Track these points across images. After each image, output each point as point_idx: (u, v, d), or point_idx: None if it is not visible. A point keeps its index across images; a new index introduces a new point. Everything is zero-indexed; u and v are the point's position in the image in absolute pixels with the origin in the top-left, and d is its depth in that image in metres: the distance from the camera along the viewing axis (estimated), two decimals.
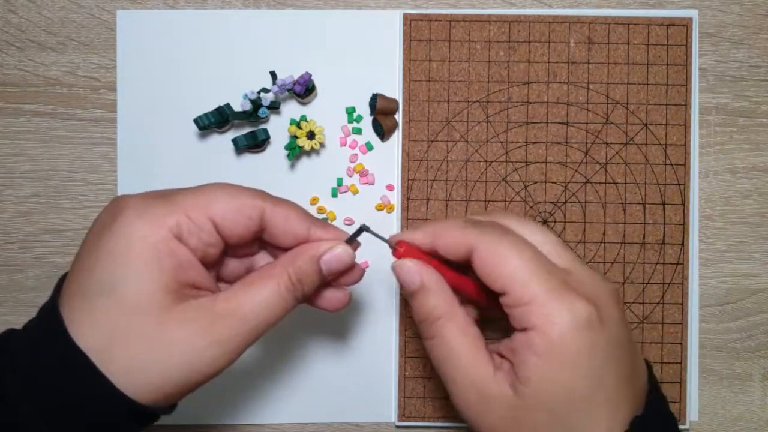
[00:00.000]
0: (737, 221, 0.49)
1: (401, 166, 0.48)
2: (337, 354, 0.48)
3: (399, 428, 0.49)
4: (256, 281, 0.34)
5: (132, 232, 0.32)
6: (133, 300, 0.32)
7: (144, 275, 0.32)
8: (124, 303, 0.32)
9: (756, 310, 0.49)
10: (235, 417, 0.48)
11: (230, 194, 0.35)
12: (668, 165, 0.48)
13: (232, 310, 0.33)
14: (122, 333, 0.32)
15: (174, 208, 0.33)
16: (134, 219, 0.33)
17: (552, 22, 0.48)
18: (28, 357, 0.32)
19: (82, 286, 0.32)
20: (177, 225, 0.33)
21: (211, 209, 0.34)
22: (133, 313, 0.32)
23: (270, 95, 0.48)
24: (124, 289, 0.32)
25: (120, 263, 0.32)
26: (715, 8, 0.49)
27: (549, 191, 0.48)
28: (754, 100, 0.49)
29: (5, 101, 0.48)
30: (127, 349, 0.32)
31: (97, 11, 0.49)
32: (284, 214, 0.36)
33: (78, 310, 0.32)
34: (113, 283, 0.32)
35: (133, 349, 0.32)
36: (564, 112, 0.48)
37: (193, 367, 0.32)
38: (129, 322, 0.32)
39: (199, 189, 0.35)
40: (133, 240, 0.32)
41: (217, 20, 0.48)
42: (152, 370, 0.32)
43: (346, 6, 0.49)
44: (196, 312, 0.33)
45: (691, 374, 0.48)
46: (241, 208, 0.35)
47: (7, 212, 0.49)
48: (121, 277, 0.32)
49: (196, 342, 0.32)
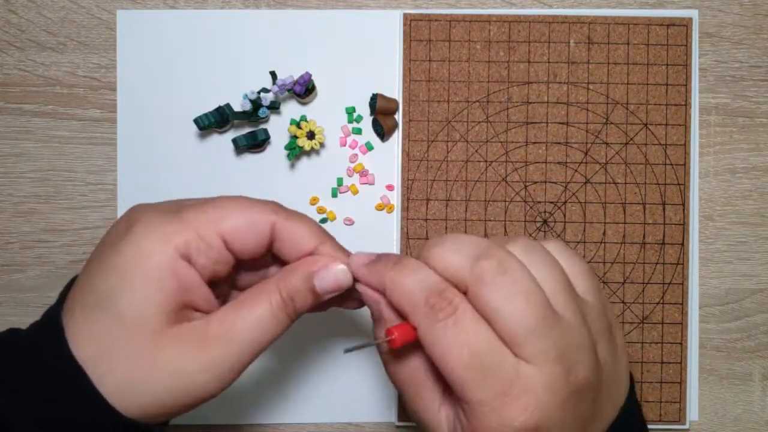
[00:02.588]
0: (737, 221, 0.49)
1: (401, 166, 0.48)
2: (337, 354, 0.48)
3: (399, 428, 0.49)
4: (247, 300, 0.33)
5: (139, 248, 0.32)
6: (128, 317, 0.31)
7: (142, 294, 0.31)
8: (120, 319, 0.31)
9: (756, 310, 0.49)
10: (235, 417, 0.48)
11: (242, 209, 0.34)
12: (668, 165, 0.48)
13: (223, 332, 0.32)
14: (115, 349, 0.31)
15: (184, 227, 0.33)
16: (143, 234, 0.32)
17: (552, 22, 0.48)
18: (23, 361, 0.32)
19: (84, 296, 0.32)
20: (185, 243, 0.32)
21: (221, 225, 0.33)
22: (127, 330, 0.31)
23: (270, 95, 0.48)
24: (122, 305, 0.31)
25: (122, 278, 0.32)
26: (715, 8, 0.49)
27: (549, 191, 0.48)
28: (754, 100, 0.49)
29: (5, 101, 0.48)
30: (119, 366, 0.31)
31: (97, 11, 0.49)
32: (294, 229, 0.35)
33: (78, 319, 0.32)
34: (113, 298, 0.32)
35: (124, 367, 0.31)
36: (564, 112, 0.48)
37: (185, 391, 0.32)
38: (122, 340, 0.31)
39: (211, 203, 0.34)
40: (138, 257, 0.32)
41: (217, 20, 0.48)
42: (142, 391, 0.31)
43: (346, 6, 0.49)
44: (189, 335, 0.32)
45: (691, 374, 0.48)
46: (253, 224, 0.34)
47: (7, 212, 0.49)
48: (121, 292, 0.31)
49: (188, 366, 0.32)
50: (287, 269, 0.35)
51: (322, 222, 0.48)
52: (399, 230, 0.48)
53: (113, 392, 0.31)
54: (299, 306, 0.34)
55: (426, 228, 0.48)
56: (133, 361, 0.31)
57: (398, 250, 0.48)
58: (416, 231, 0.48)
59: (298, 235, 0.35)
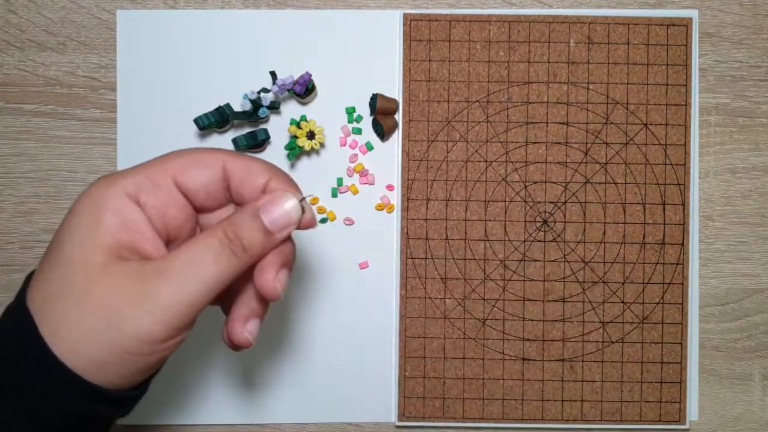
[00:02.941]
0: (737, 221, 0.49)
1: (401, 166, 0.48)
2: (337, 354, 0.48)
3: (399, 428, 0.49)
4: (191, 241, 0.33)
5: (89, 194, 0.32)
6: (69, 255, 0.31)
7: (84, 231, 0.31)
8: (62, 259, 0.31)
9: (756, 310, 0.49)
10: (235, 417, 0.48)
11: (192, 152, 0.34)
12: (668, 165, 0.48)
13: (160, 267, 0.31)
14: (55, 289, 0.31)
15: (134, 171, 0.33)
16: (96, 184, 0.33)
17: (552, 22, 0.48)
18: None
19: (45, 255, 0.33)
20: (134, 184, 0.32)
21: (170, 165, 0.33)
22: (66, 268, 0.31)
23: (270, 95, 0.48)
24: (65, 246, 0.31)
25: (70, 223, 0.32)
26: (715, 8, 0.49)
27: (549, 191, 0.48)
28: (754, 100, 0.49)
29: (5, 101, 0.48)
30: (57, 305, 0.31)
31: (97, 11, 0.49)
32: (245, 164, 0.34)
33: (36, 274, 0.32)
34: (60, 241, 0.32)
35: (62, 305, 0.31)
36: (564, 112, 0.48)
37: (119, 330, 0.30)
38: (62, 278, 0.31)
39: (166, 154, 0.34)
40: (88, 202, 0.32)
41: (217, 20, 0.48)
42: (75, 329, 0.30)
43: (346, 6, 0.49)
44: (126, 270, 0.31)
45: (691, 374, 0.48)
46: (201, 161, 0.34)
47: (7, 212, 0.49)
48: (69, 235, 0.32)
49: (118, 298, 0.30)
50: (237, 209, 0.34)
51: (322, 222, 0.48)
52: (399, 230, 0.48)
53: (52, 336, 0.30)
54: (248, 243, 0.32)
55: (426, 228, 0.48)
56: (69, 298, 0.31)
57: (398, 250, 0.48)
58: (416, 231, 0.48)
59: (249, 170, 0.34)
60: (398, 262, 0.48)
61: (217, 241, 0.32)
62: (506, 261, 0.48)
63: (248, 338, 0.34)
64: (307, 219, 0.34)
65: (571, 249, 0.48)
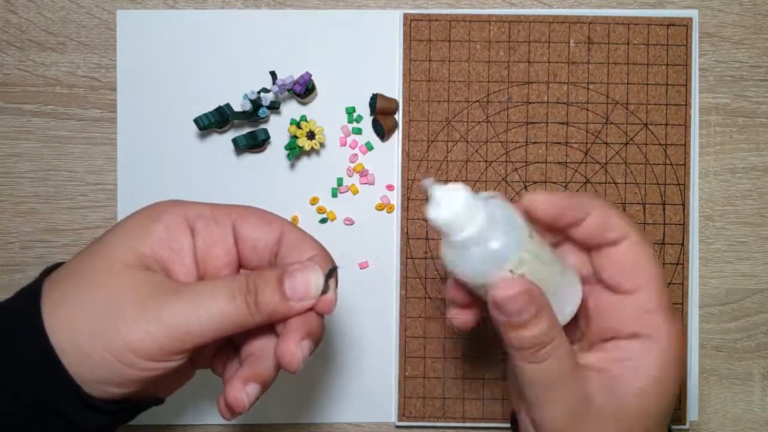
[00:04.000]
0: (737, 221, 0.49)
1: (401, 166, 0.48)
2: (337, 354, 0.48)
3: (399, 428, 0.49)
4: (214, 277, 0.33)
5: (153, 205, 0.33)
6: (104, 245, 0.32)
7: (129, 232, 0.32)
8: (95, 248, 0.32)
9: (756, 310, 0.49)
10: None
11: (259, 209, 0.35)
12: (668, 165, 0.48)
13: (175, 288, 0.31)
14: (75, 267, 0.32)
15: (201, 203, 0.34)
16: (165, 201, 0.34)
17: (552, 22, 0.48)
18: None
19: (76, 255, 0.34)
20: (195, 211, 0.33)
21: (235, 210, 0.34)
22: (95, 255, 0.32)
23: (270, 95, 0.48)
24: (106, 238, 0.32)
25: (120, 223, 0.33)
26: (715, 8, 0.49)
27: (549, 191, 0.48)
28: (754, 100, 0.49)
29: (5, 101, 0.48)
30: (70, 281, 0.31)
31: (97, 11, 0.49)
32: (299, 236, 0.35)
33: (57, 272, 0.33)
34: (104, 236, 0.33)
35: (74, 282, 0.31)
36: (564, 112, 0.48)
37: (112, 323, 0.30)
38: (86, 261, 0.32)
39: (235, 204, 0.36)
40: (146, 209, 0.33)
41: (217, 20, 0.48)
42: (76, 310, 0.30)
43: (346, 6, 0.49)
44: (147, 279, 0.31)
45: (691, 374, 0.48)
46: (264, 217, 0.35)
47: (7, 212, 0.49)
48: (113, 232, 0.33)
49: (126, 298, 0.30)
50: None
51: (322, 222, 0.48)
52: (399, 230, 0.48)
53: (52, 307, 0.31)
54: (261, 300, 0.32)
55: (426, 228, 0.48)
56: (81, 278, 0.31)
57: (398, 250, 0.48)
58: (416, 231, 0.48)
59: (300, 242, 0.34)
60: (398, 262, 0.48)
61: (236, 284, 0.32)
62: None
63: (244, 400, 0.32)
64: (325, 299, 0.33)
65: None
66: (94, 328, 0.30)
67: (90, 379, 0.31)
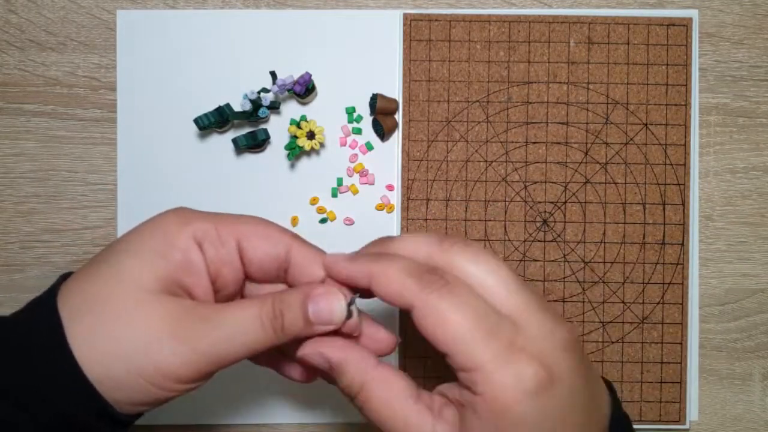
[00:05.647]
0: (737, 221, 0.49)
1: (401, 166, 0.48)
2: None
3: None
4: (241, 302, 0.34)
5: (158, 224, 0.34)
6: (125, 271, 0.32)
7: (147, 258, 0.32)
8: (115, 272, 0.32)
9: (756, 310, 0.49)
10: (234, 417, 0.48)
11: (263, 222, 0.35)
12: (668, 165, 0.48)
13: (209, 316, 0.32)
14: (99, 297, 0.32)
15: (205, 219, 0.34)
16: (170, 216, 0.34)
17: (552, 22, 0.48)
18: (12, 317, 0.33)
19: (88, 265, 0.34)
20: (202, 231, 0.33)
21: (239, 228, 0.34)
22: (118, 282, 0.32)
23: (270, 95, 0.48)
24: (124, 262, 0.32)
25: (129, 242, 0.33)
26: (715, 8, 0.49)
27: (549, 191, 0.48)
28: (754, 100, 0.49)
29: (5, 101, 0.48)
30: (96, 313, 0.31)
31: (97, 11, 0.49)
32: (311, 255, 0.35)
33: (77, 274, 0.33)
34: (118, 255, 0.33)
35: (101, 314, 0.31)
36: (564, 112, 0.48)
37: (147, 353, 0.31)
38: (110, 290, 0.32)
39: (238, 215, 0.35)
40: (154, 230, 0.33)
41: (217, 20, 0.48)
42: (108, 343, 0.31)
43: (346, 6, 0.49)
44: (176, 306, 0.32)
45: (691, 374, 0.48)
46: (269, 235, 0.35)
47: (7, 212, 0.49)
48: (129, 253, 0.33)
49: (160, 328, 0.31)
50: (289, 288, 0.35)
51: (322, 222, 0.48)
52: (399, 230, 0.48)
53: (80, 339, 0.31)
54: (287, 325, 0.33)
55: (426, 228, 0.48)
56: (110, 310, 0.31)
57: None
58: (416, 231, 0.48)
59: (313, 261, 0.35)
60: None
61: (265, 313, 0.33)
62: (506, 261, 0.48)
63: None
64: (350, 324, 0.34)
65: (571, 249, 0.48)
66: (130, 364, 0.31)
67: (124, 402, 0.32)
